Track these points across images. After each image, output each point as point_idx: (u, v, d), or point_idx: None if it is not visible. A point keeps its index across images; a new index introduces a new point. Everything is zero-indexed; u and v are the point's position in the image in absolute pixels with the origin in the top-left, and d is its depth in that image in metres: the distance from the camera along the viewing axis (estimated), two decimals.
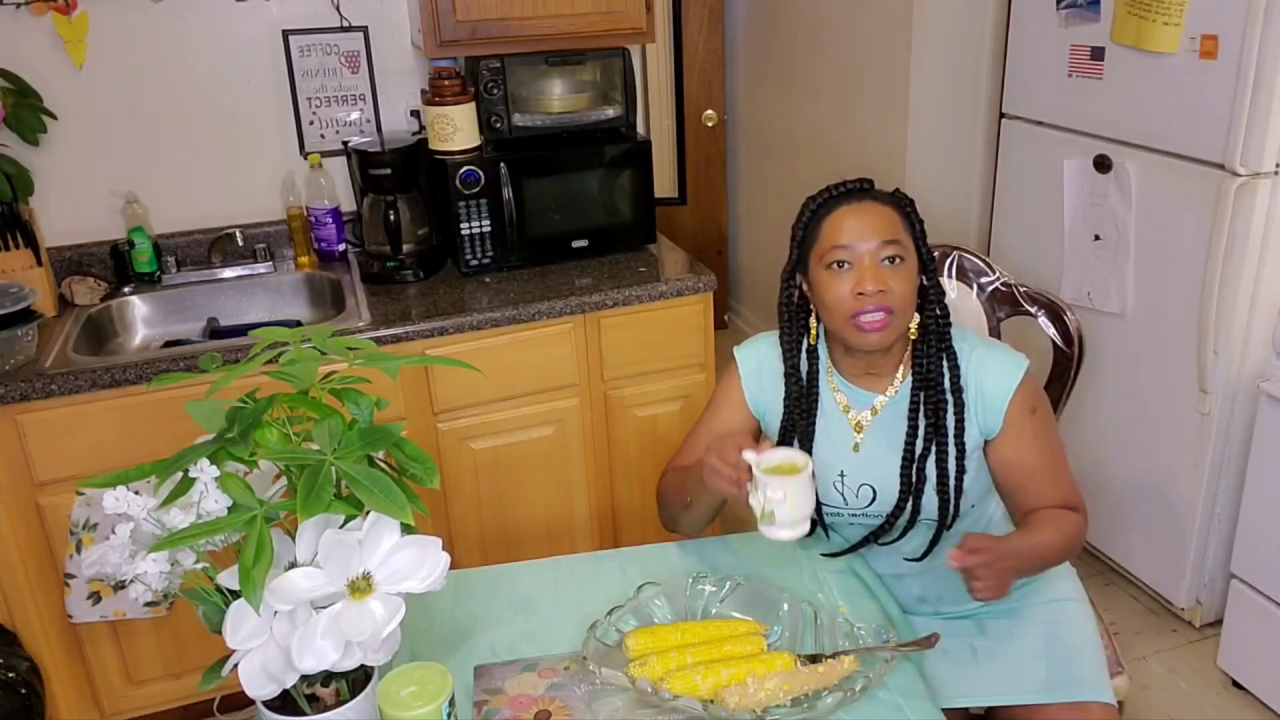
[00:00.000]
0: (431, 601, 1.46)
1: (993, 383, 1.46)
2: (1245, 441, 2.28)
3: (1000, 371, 1.46)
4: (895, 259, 1.40)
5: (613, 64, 2.51)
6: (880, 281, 1.38)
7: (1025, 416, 1.47)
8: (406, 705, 1.09)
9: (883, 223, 1.41)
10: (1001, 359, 1.48)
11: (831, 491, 1.54)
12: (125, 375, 2.03)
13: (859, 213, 1.42)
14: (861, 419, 1.52)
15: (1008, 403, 1.45)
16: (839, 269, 1.41)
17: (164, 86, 2.48)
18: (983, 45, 2.93)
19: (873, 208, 1.42)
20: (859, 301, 1.39)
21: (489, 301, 2.31)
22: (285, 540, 1.03)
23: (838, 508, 1.55)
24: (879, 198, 1.44)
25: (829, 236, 1.42)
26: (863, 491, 1.52)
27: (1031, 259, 2.75)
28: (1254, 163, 2.10)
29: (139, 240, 2.46)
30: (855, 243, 1.40)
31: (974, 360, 1.48)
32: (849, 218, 1.41)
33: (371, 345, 1.18)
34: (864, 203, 1.43)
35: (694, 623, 1.38)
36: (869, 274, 1.39)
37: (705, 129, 4.16)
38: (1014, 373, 1.46)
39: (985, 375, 1.47)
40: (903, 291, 1.40)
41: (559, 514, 2.47)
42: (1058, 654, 1.53)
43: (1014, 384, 1.45)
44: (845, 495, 1.53)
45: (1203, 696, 2.34)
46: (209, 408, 1.05)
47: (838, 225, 1.42)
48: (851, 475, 1.52)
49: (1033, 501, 1.48)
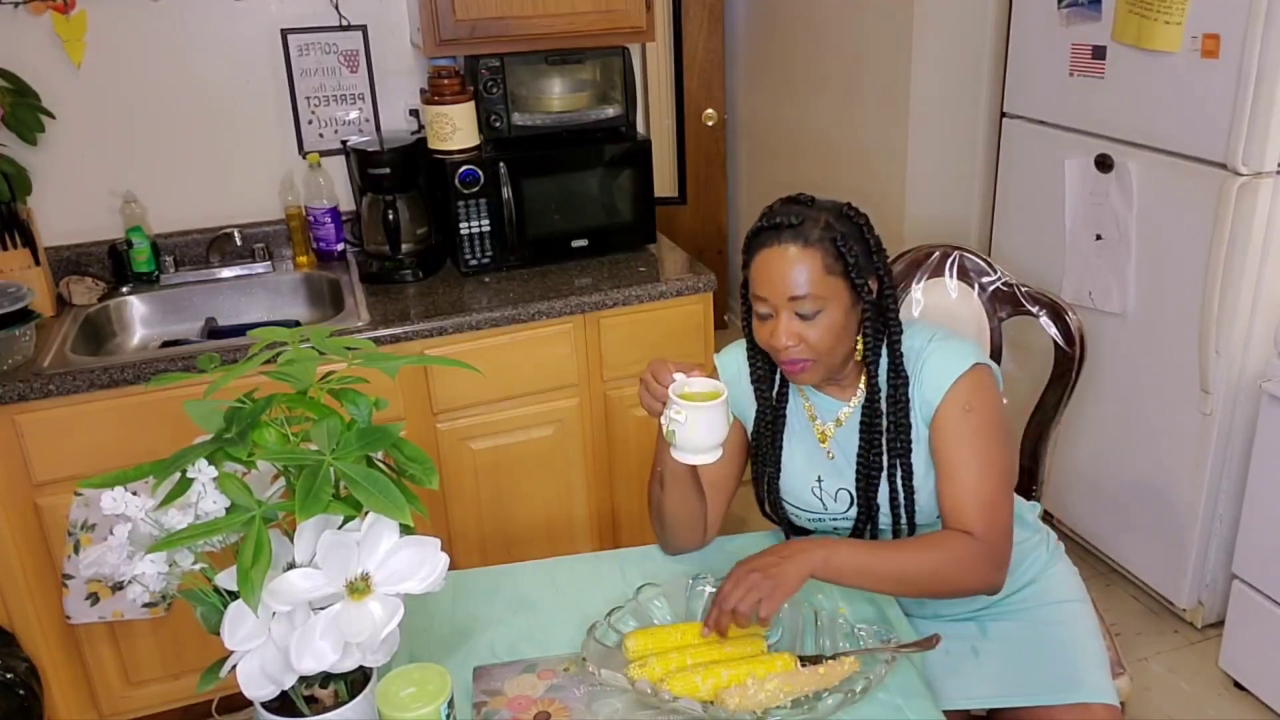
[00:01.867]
0: (431, 602, 1.45)
1: (932, 377, 1.44)
2: (1247, 442, 2.27)
3: (940, 367, 1.44)
4: (810, 313, 1.38)
5: (612, 63, 2.51)
6: (793, 336, 1.39)
7: (955, 411, 1.43)
8: (405, 706, 1.08)
9: (797, 274, 1.36)
10: (946, 355, 1.45)
11: (810, 497, 1.54)
12: (123, 375, 2.02)
13: (778, 260, 1.37)
14: (826, 429, 1.52)
15: (942, 395, 1.43)
16: (761, 315, 1.42)
17: (162, 86, 2.47)
18: (984, 44, 2.93)
19: (791, 255, 1.37)
20: (779, 349, 1.40)
21: (488, 301, 2.31)
22: (284, 541, 1.03)
23: (818, 513, 1.55)
24: (804, 236, 1.37)
25: (754, 281, 1.41)
26: (840, 496, 1.52)
27: (1033, 259, 2.74)
28: (1255, 162, 2.10)
29: (137, 240, 2.45)
30: (770, 295, 1.39)
31: (921, 358, 1.46)
32: (769, 264, 1.38)
33: (370, 345, 1.17)
34: (784, 247, 1.37)
35: (694, 624, 1.37)
36: (783, 327, 1.39)
37: (705, 129, 4.15)
38: (954, 368, 1.43)
39: (926, 370, 1.45)
40: (819, 338, 1.39)
41: (559, 514, 2.47)
42: (1059, 655, 1.52)
43: (950, 379, 1.43)
44: (824, 500, 1.54)
45: (1204, 697, 2.33)
46: (207, 408, 1.04)
47: (759, 271, 1.40)
48: (828, 481, 1.53)
49: (942, 513, 1.43)
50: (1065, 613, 1.58)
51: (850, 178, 3.33)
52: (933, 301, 1.97)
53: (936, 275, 1.97)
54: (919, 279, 1.98)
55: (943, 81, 2.94)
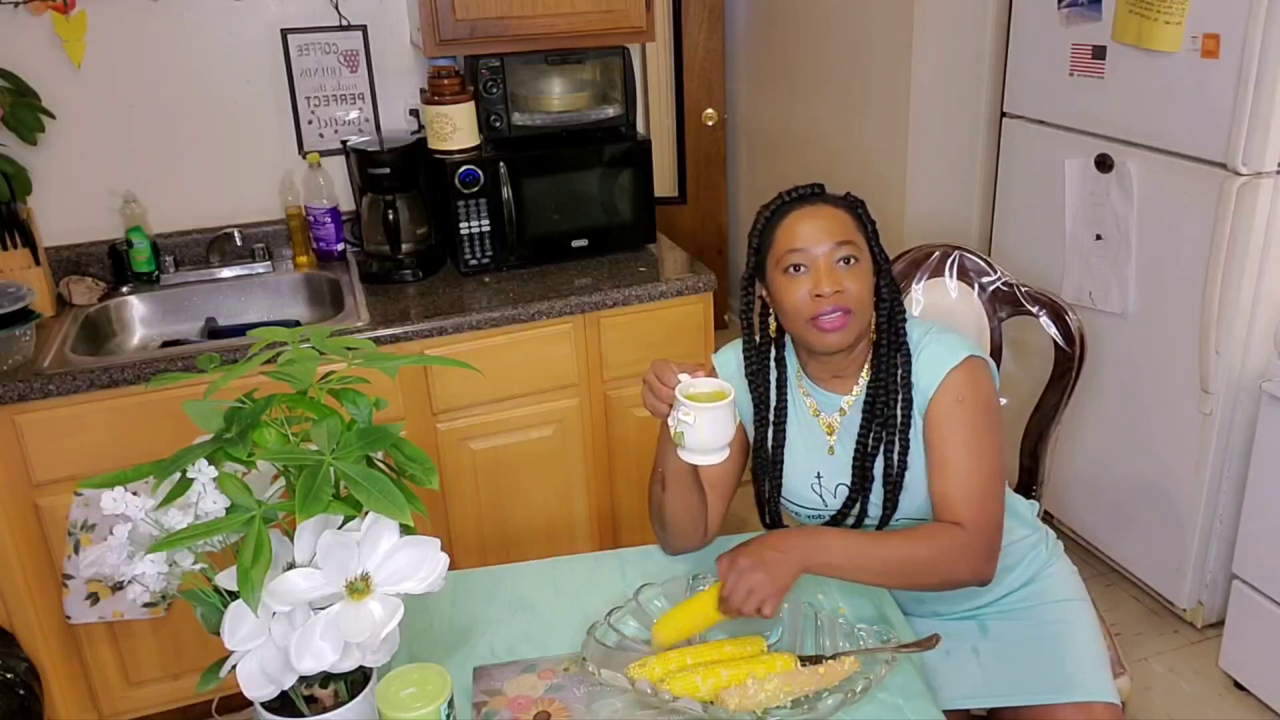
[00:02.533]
0: (430, 602, 1.46)
1: (926, 368, 1.45)
2: (1247, 441, 2.27)
3: (934, 359, 1.45)
4: (850, 259, 1.41)
5: (612, 63, 2.51)
6: (836, 282, 1.39)
7: (946, 403, 1.43)
8: (405, 706, 1.08)
9: (835, 224, 1.42)
10: (940, 347, 1.46)
11: (809, 493, 1.54)
12: (123, 375, 2.02)
13: (812, 216, 1.42)
14: (832, 421, 1.52)
15: (935, 387, 1.44)
16: (795, 272, 1.41)
17: (162, 86, 2.47)
18: (984, 44, 2.93)
19: (825, 210, 1.43)
20: (817, 304, 1.40)
21: (488, 301, 2.31)
22: (284, 541, 1.03)
23: (817, 509, 1.55)
24: (830, 201, 1.45)
25: (784, 241, 1.42)
26: (839, 491, 1.52)
27: (1033, 259, 2.74)
28: (1256, 162, 2.10)
29: (137, 240, 2.45)
30: (810, 246, 1.40)
31: (918, 350, 1.46)
32: (803, 221, 1.42)
33: (370, 345, 1.17)
34: (816, 206, 1.43)
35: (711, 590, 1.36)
36: (825, 275, 1.39)
37: (705, 128, 4.15)
38: (947, 359, 1.44)
39: (921, 362, 1.45)
40: (859, 290, 1.41)
41: (558, 514, 2.47)
42: (1060, 655, 1.52)
43: (944, 370, 1.43)
44: (824, 497, 1.54)
45: (1204, 698, 2.33)
46: (207, 408, 1.05)
47: (792, 230, 1.42)
48: (828, 477, 1.53)
49: (934, 495, 1.43)
50: (1065, 612, 1.57)
51: (850, 177, 3.33)
52: (933, 301, 1.97)
53: (936, 275, 1.97)
54: (919, 279, 1.98)
55: (943, 81, 2.94)
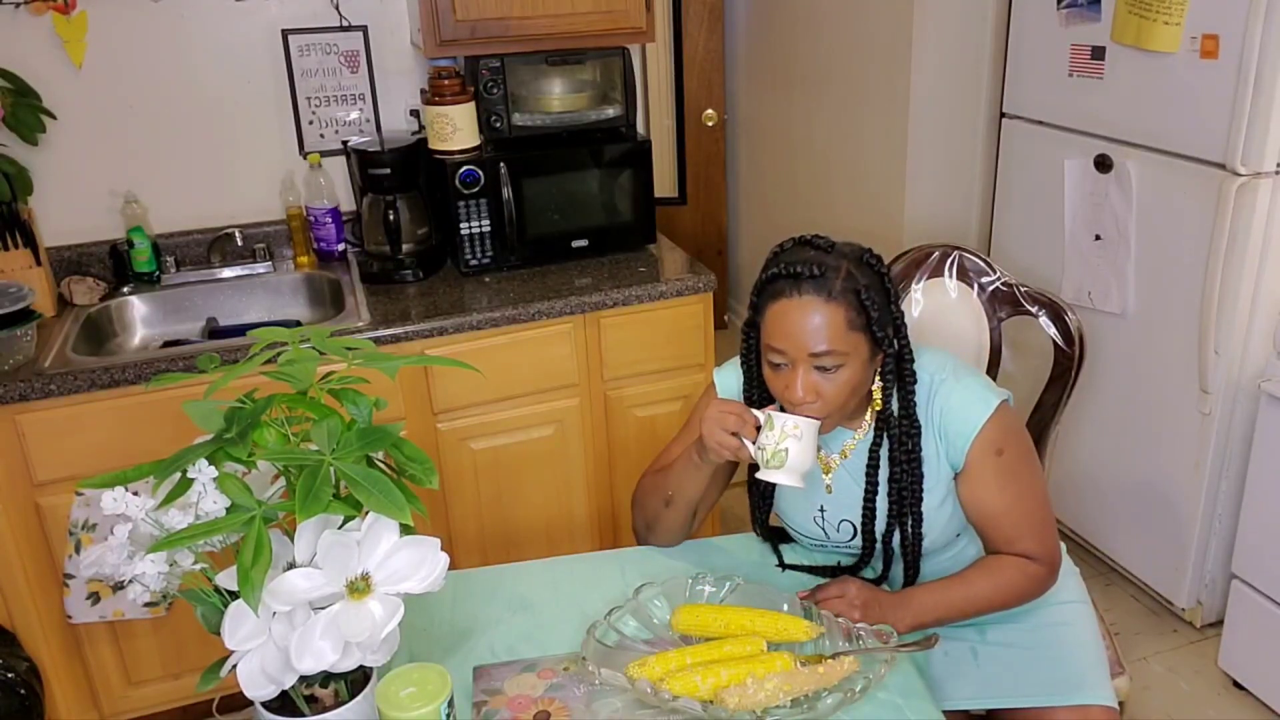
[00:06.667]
0: (431, 602, 1.46)
1: (956, 423, 1.43)
2: (1246, 441, 2.27)
3: (963, 411, 1.42)
4: (829, 367, 1.35)
5: (612, 63, 2.51)
6: (811, 391, 1.35)
7: (988, 458, 1.42)
8: (405, 706, 1.09)
9: (820, 330, 1.32)
10: (967, 397, 1.43)
11: (813, 526, 1.55)
12: (124, 375, 2.02)
13: (799, 313, 1.33)
14: (832, 460, 1.51)
15: (970, 443, 1.42)
16: (776, 367, 1.38)
17: (163, 86, 2.47)
18: (983, 45, 2.93)
19: (813, 308, 1.32)
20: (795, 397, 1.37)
21: (488, 301, 2.31)
22: (284, 541, 1.03)
23: (820, 541, 1.56)
24: (827, 289, 1.32)
25: (769, 331, 1.37)
26: (843, 527, 1.53)
27: (1032, 259, 2.74)
28: (1255, 162, 2.10)
29: (138, 240, 2.46)
30: (789, 348, 1.34)
31: (940, 396, 1.44)
32: (788, 316, 1.34)
33: (370, 345, 1.17)
34: (805, 299, 1.33)
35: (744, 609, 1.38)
36: (801, 382, 1.35)
37: (705, 129, 4.15)
38: (979, 412, 1.42)
39: (949, 414, 1.43)
40: (835, 393, 1.36)
41: (559, 514, 2.47)
42: (1059, 656, 1.53)
43: (977, 425, 1.41)
44: (826, 530, 1.54)
45: (1203, 697, 2.33)
46: (207, 408, 1.05)
47: (777, 322, 1.35)
48: (831, 512, 1.53)
49: (993, 543, 1.48)
50: (1065, 614, 1.58)
51: (850, 178, 3.33)
52: (932, 301, 1.97)
53: (936, 275, 1.97)
54: (919, 279, 1.98)
55: (942, 81, 2.94)
